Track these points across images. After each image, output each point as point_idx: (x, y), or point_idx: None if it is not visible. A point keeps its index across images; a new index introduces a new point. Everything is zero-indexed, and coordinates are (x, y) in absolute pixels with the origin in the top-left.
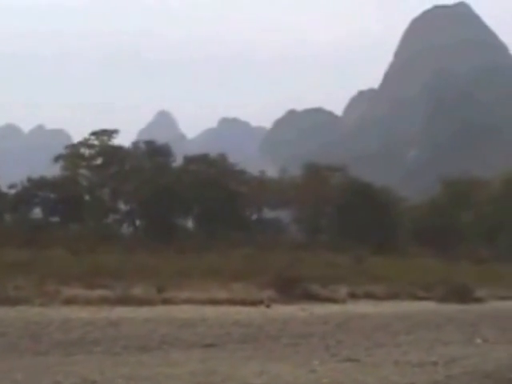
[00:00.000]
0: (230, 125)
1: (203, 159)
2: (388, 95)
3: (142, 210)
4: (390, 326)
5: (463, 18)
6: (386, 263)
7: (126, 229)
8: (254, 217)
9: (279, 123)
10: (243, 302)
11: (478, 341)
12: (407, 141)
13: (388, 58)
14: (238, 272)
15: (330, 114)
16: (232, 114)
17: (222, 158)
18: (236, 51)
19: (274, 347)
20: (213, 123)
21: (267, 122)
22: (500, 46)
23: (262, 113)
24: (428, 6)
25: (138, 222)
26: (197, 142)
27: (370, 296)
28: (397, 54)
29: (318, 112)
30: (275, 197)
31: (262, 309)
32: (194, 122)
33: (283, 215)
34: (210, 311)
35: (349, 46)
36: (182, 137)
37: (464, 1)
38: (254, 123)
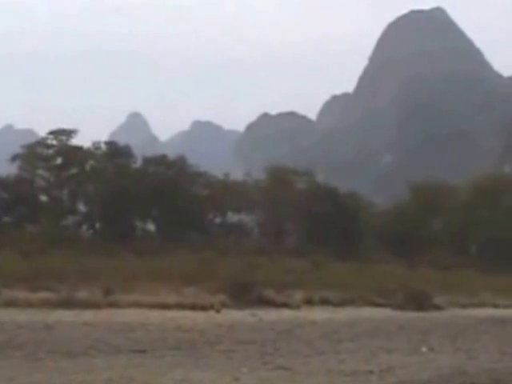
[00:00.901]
0: (202, 128)
1: (162, 161)
2: (362, 100)
3: (100, 212)
4: (338, 333)
5: (439, 23)
6: (346, 269)
7: (85, 231)
8: (218, 220)
9: (252, 127)
10: (193, 307)
11: (424, 349)
12: (381, 146)
13: (363, 62)
14: (191, 276)
15: (303, 118)
16: (205, 117)
17: (181, 159)
18: (209, 54)
19: (207, 354)
20: (185, 126)
21: (240, 126)
22: (475, 53)
23: (235, 116)
24: (404, 10)
25: (97, 224)
26: (169, 145)
27: (325, 302)
28: (371, 59)
29: (291, 116)
30: (239, 200)
31: (211, 314)
32: (167, 125)
33: (248, 219)
34: (155, 315)
35: (323, 50)
36: (155, 139)
37: (440, 6)
38: (227, 126)
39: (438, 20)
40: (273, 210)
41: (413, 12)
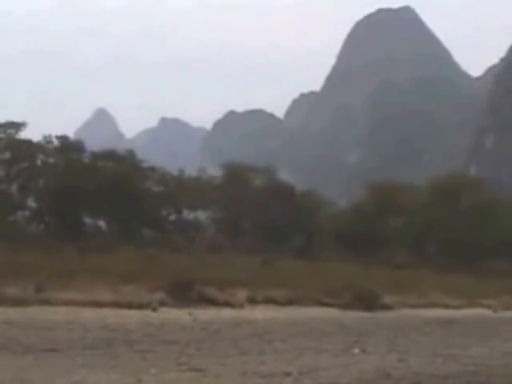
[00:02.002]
0: (170, 125)
1: (111, 156)
2: (330, 99)
3: (49, 208)
4: (272, 333)
5: (407, 22)
6: (297, 268)
7: (35, 227)
8: (172, 217)
9: (219, 124)
10: (129, 305)
11: (356, 351)
12: (349, 145)
13: (331, 60)
14: (132, 273)
15: (271, 116)
16: (172, 114)
17: (131, 154)
18: (177, 51)
19: (123, 354)
20: (152, 123)
21: (209, 123)
22: (444, 53)
23: (204, 113)
24: (373, 9)
25: (46, 220)
26: (136, 142)
27: (270, 301)
28: (339, 57)
29: (258, 114)
30: (195, 197)
31: (146, 312)
32: (134, 122)
33: (203, 217)
34: (86, 314)
35: (292, 48)
36: (121, 136)
37: (409, 5)
38: (195, 124)
39: (406, 19)
40: (228, 207)
41: (381, 10)
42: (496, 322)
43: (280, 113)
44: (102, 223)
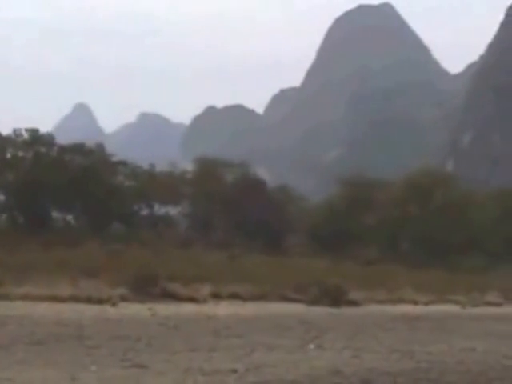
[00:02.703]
0: (149, 120)
1: (78, 149)
2: (309, 94)
3: (16, 202)
4: (231, 328)
5: (387, 19)
6: (265, 263)
7: (3, 221)
8: (143, 212)
9: (198, 120)
10: (89, 300)
11: (311, 346)
12: (328, 141)
13: (311, 56)
14: (95, 268)
15: (250, 111)
16: (152, 109)
17: (100, 148)
18: (156, 45)
19: (68, 349)
20: (132, 118)
21: (188, 119)
22: (423, 50)
23: (183, 109)
24: (353, 5)
25: (15, 214)
26: (115, 137)
27: (235, 297)
28: (319, 53)
29: (237, 109)
30: (166, 192)
31: (105, 307)
32: (113, 116)
33: (175, 211)
34: (42, 308)
35: (272, 43)
36: (100, 131)
37: (389, 2)
38: (174, 119)
39: (386, 15)
40: (200, 202)
41: (361, 7)
42: (463, 318)
43: (260, 109)
44: (70, 217)
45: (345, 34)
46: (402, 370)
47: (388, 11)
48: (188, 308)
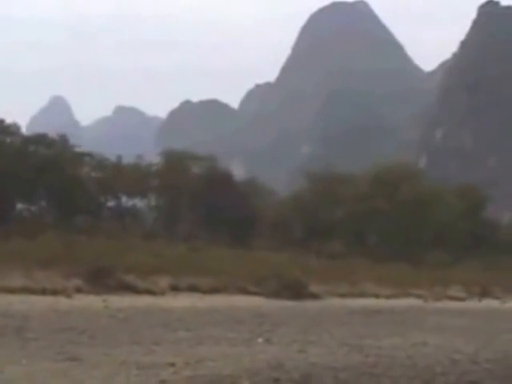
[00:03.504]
0: (125, 113)
1: (42, 140)
2: (284, 89)
3: None
4: (183, 321)
5: (361, 15)
6: (228, 255)
7: None
8: (110, 204)
9: (174, 114)
10: (43, 291)
11: (260, 340)
12: (302, 136)
13: (286, 51)
14: (52, 259)
15: (225, 106)
16: (128, 103)
17: (63, 139)
18: (133, 41)
19: (4, 342)
20: (108, 111)
21: (164, 112)
22: (397, 47)
23: (160, 103)
24: (327, 1)
25: None
26: (91, 130)
27: (194, 289)
28: (294, 49)
29: (213, 104)
30: (133, 184)
31: (59, 299)
32: (90, 109)
33: (142, 204)
34: None
35: (248, 37)
36: (76, 123)
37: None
38: (150, 113)
39: (360, 12)
40: (167, 194)
41: (335, 4)
42: (423, 312)
43: (235, 103)
44: (35, 208)
45: (319, 31)
46: (347, 364)
47: (362, 8)
48: (144, 300)
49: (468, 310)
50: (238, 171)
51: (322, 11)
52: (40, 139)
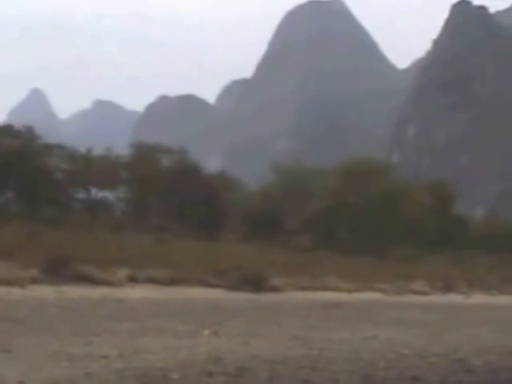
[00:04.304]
0: (104, 107)
1: (6, 131)
2: (260, 85)
3: None
4: (133, 312)
5: (337, 14)
6: (192, 247)
7: None
8: (80, 196)
9: (151, 108)
10: None
11: (206, 332)
12: (278, 132)
13: (263, 47)
14: (8, 249)
15: (201, 101)
16: (107, 96)
17: (29, 130)
18: (110, 32)
19: None
20: (87, 104)
21: (142, 107)
22: (372, 45)
23: (137, 96)
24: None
25: None
26: (69, 123)
27: (153, 281)
28: (271, 45)
29: (189, 99)
30: (103, 176)
31: (12, 289)
32: (68, 103)
33: (112, 196)
34: None
35: (225, 33)
36: (54, 117)
37: None
38: (128, 107)
39: (336, 11)
40: (137, 187)
41: (311, 2)
42: (383, 306)
43: (211, 99)
44: (0, 199)
45: (295, 28)
46: (288, 357)
47: (337, 6)
48: (100, 291)
49: (429, 304)
50: (215, 166)
51: (298, 8)
52: (5, 130)
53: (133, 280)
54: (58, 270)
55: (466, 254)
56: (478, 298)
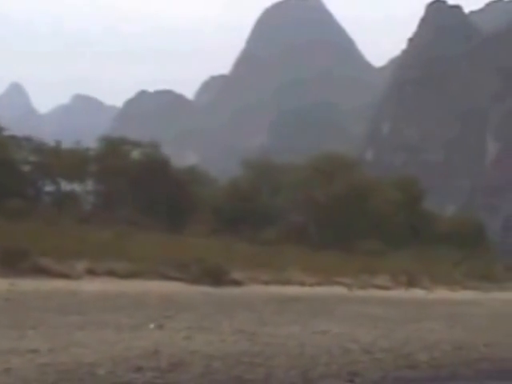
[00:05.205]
0: (83, 102)
1: None
2: (238, 82)
3: None
4: (82, 305)
5: (315, 12)
6: (156, 241)
7: None
8: (48, 189)
9: (130, 103)
10: None
11: (151, 326)
12: (255, 129)
13: (241, 44)
14: None
15: (180, 96)
16: (86, 91)
17: None
18: (95, 28)
19: None
20: (66, 99)
21: (121, 102)
22: (348, 43)
23: (116, 91)
24: None
25: None
26: (48, 117)
27: (111, 273)
28: (248, 42)
29: (168, 94)
30: (71, 169)
31: None
32: (47, 97)
33: (80, 189)
34: None
35: (205, 30)
36: (33, 111)
37: None
38: (107, 102)
39: (313, 9)
40: (105, 179)
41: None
42: (343, 300)
43: (190, 94)
44: None
45: (273, 25)
46: (229, 352)
47: (315, 4)
48: (55, 284)
49: (390, 299)
50: (193, 161)
51: (276, 5)
52: None
53: (92, 273)
54: (14, 263)
55: (432, 250)
56: (441, 293)
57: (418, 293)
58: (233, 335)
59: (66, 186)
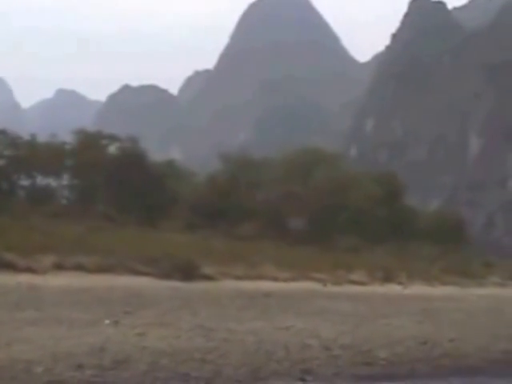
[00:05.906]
0: (66, 96)
1: None
2: (222, 77)
3: None
4: (41, 300)
5: (299, 7)
6: (128, 236)
7: None
8: (23, 183)
9: (113, 98)
10: None
11: (106, 322)
12: (238, 125)
13: (224, 39)
14: None
15: (164, 91)
16: (69, 86)
17: None
18: (77, 23)
19: None
20: (49, 94)
21: (105, 96)
22: (333, 38)
23: (100, 86)
24: None
25: None
26: (31, 112)
27: (79, 268)
28: (232, 37)
29: (152, 89)
30: (47, 163)
31: None
32: (31, 92)
33: (56, 183)
34: None
35: (190, 25)
36: (17, 106)
37: None
38: (91, 97)
39: (297, 3)
40: (81, 174)
41: None
42: (315, 296)
43: (174, 89)
44: None
45: (257, 21)
46: (181, 349)
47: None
48: (18, 278)
49: (363, 294)
50: (177, 156)
51: (261, 1)
52: None
53: (59, 267)
54: None
55: (411, 246)
56: (417, 289)
57: (393, 288)
58: (189, 331)
59: (41, 180)
